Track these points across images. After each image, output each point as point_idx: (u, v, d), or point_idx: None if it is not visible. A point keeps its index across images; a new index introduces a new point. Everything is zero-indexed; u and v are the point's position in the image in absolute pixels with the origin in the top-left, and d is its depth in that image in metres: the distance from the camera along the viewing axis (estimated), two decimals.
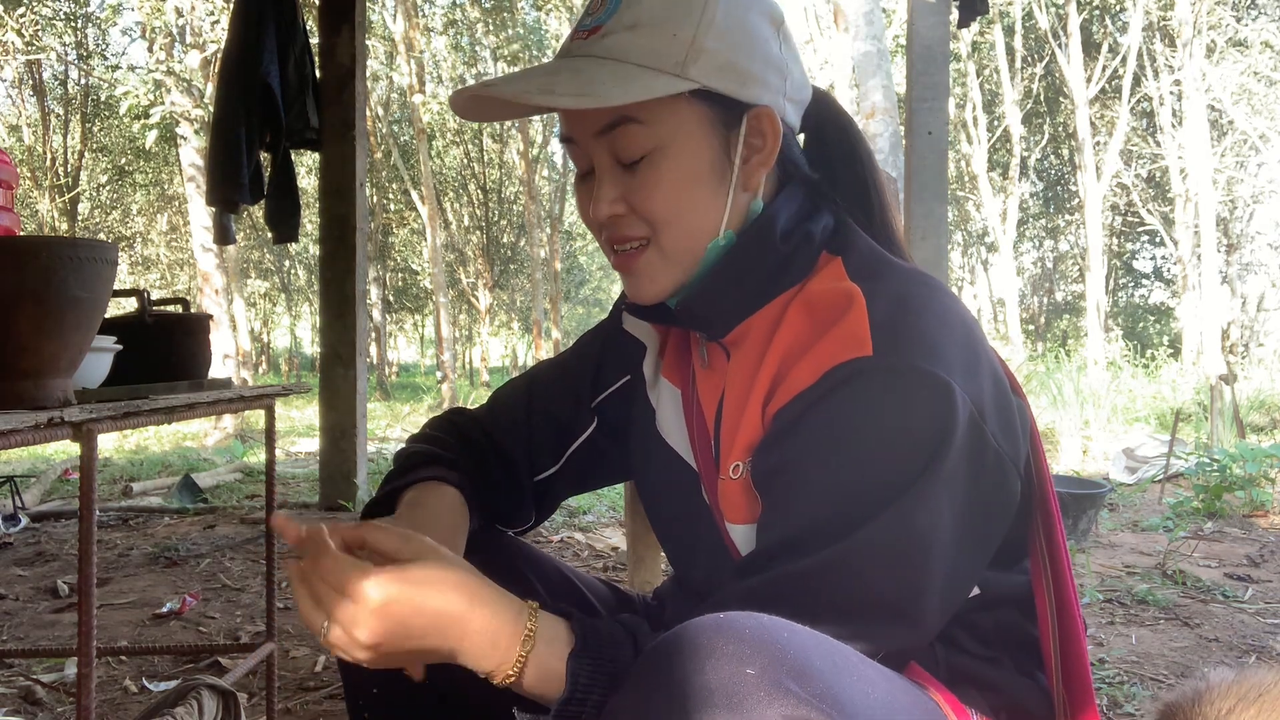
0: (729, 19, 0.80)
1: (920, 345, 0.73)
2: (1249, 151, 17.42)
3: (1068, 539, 3.62)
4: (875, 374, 0.72)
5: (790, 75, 0.85)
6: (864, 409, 0.72)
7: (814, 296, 0.80)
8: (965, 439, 0.71)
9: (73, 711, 1.99)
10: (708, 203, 0.83)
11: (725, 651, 0.57)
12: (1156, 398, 9.11)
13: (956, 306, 0.79)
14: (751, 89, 0.81)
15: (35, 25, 11.56)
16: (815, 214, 0.87)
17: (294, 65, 4.01)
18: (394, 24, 15.23)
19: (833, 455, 0.72)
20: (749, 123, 0.82)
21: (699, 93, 0.80)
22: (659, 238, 0.84)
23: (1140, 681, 2.20)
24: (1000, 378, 0.78)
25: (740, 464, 0.81)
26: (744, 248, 0.84)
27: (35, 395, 1.04)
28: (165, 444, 9.15)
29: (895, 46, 12.04)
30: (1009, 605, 0.83)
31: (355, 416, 4.33)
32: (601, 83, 0.78)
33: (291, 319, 28.08)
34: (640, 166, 0.82)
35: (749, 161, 0.83)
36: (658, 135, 0.81)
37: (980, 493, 0.74)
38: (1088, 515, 3.75)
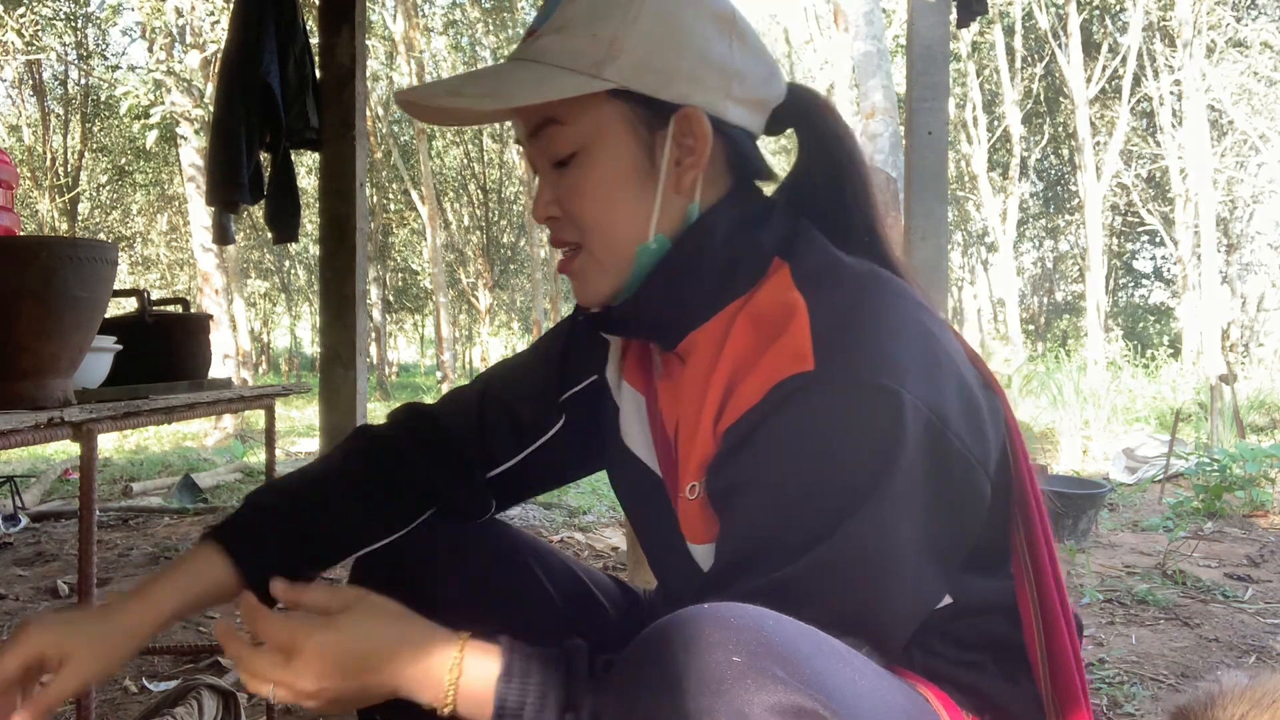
0: (656, 19, 0.79)
1: (865, 355, 0.71)
2: (1249, 151, 17.41)
3: (1068, 539, 3.60)
4: (816, 389, 0.70)
5: (742, 75, 0.82)
6: (807, 426, 0.70)
7: (759, 308, 0.79)
8: (921, 447, 0.69)
9: (73, 711, 1.99)
10: (632, 205, 0.82)
11: (712, 640, 0.57)
12: (1156, 398, 9.12)
13: (911, 310, 0.77)
14: (677, 89, 0.79)
15: (35, 25, 11.55)
16: (765, 219, 0.84)
17: (294, 65, 4.01)
18: (394, 24, 15.24)
19: (780, 474, 0.71)
20: (676, 124, 0.80)
21: (620, 93, 0.79)
22: (587, 240, 0.84)
23: (1140, 681, 2.20)
24: (966, 379, 0.76)
25: (696, 484, 0.80)
26: (679, 254, 0.82)
27: (35, 395, 1.04)
28: (165, 444, 9.15)
29: (895, 46, 12.04)
30: (992, 612, 0.81)
31: (355, 417, 4.33)
32: (513, 84, 0.79)
33: (291, 319, 28.09)
34: (568, 168, 0.82)
35: (680, 164, 0.81)
36: (580, 136, 0.81)
37: (945, 499, 0.72)
38: (1088, 515, 3.75)
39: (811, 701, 0.55)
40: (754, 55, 0.84)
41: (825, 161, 0.87)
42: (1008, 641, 0.81)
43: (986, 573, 0.81)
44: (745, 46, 0.83)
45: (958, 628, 0.80)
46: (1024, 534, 0.81)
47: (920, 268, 3.75)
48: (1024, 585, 0.81)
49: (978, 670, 0.80)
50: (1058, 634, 0.79)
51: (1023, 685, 0.81)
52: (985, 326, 22.58)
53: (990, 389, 0.80)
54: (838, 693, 0.57)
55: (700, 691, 0.55)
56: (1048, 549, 0.80)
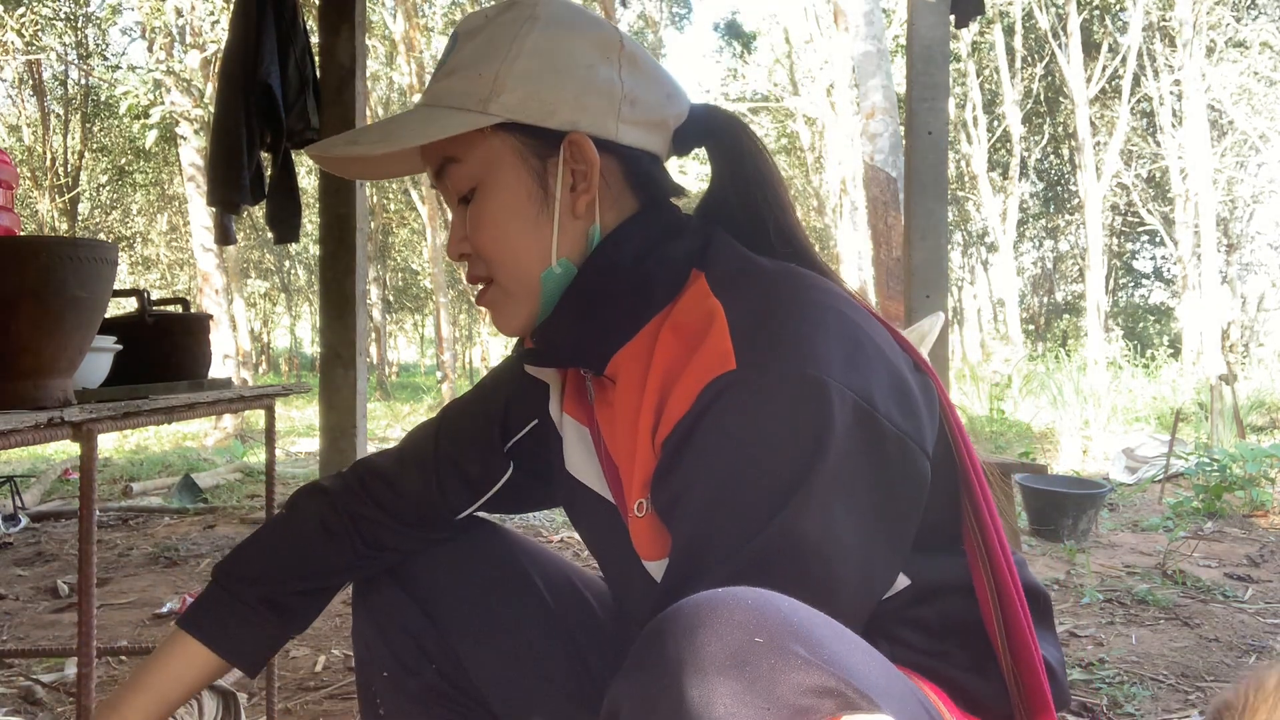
0: (537, 53, 0.82)
1: (784, 346, 0.72)
2: (1249, 151, 17.42)
3: (1068, 539, 3.60)
4: (741, 386, 0.71)
5: (633, 98, 0.84)
6: (736, 423, 0.71)
7: (680, 319, 0.80)
8: (852, 431, 0.70)
9: (73, 711, 1.99)
10: (531, 233, 0.84)
11: (732, 621, 0.56)
12: (1156, 398, 9.12)
13: (829, 299, 0.77)
14: (562, 116, 0.82)
15: (35, 25, 11.55)
16: (678, 234, 0.85)
17: (294, 65, 4.01)
18: (394, 24, 15.24)
19: (716, 475, 0.71)
20: (565, 150, 0.83)
21: (508, 126, 0.83)
22: (494, 272, 0.87)
23: (1140, 681, 2.20)
24: (892, 361, 0.76)
25: (643, 501, 0.81)
26: (585, 276, 0.84)
27: (35, 395, 1.04)
28: (165, 444, 9.15)
29: (895, 46, 12.04)
30: (952, 592, 0.81)
31: (355, 416, 4.33)
32: (404, 128, 0.83)
33: (291, 319, 28.09)
34: (471, 204, 0.86)
35: (575, 189, 0.84)
36: (475, 172, 0.85)
37: (884, 481, 0.72)
38: (1088, 515, 3.74)
39: (835, 681, 0.55)
40: (647, 78, 0.86)
41: (736, 178, 0.89)
42: (973, 624, 0.81)
43: (941, 551, 0.82)
44: (636, 70, 0.85)
45: (923, 614, 0.80)
46: (971, 511, 0.81)
47: (920, 268, 3.75)
48: (977, 562, 0.81)
49: (946, 661, 0.80)
50: (1015, 616, 0.79)
51: (990, 677, 0.81)
52: (985, 326, 22.59)
53: (921, 370, 0.81)
54: (857, 673, 0.57)
55: (725, 673, 0.54)
56: (994, 524, 0.81)
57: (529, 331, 0.89)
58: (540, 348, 0.89)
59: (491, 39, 0.83)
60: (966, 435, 0.83)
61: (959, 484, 0.82)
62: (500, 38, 0.83)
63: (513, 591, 1.06)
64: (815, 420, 0.69)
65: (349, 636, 2.53)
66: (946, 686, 0.79)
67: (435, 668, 1.05)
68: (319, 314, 4.48)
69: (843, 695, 0.55)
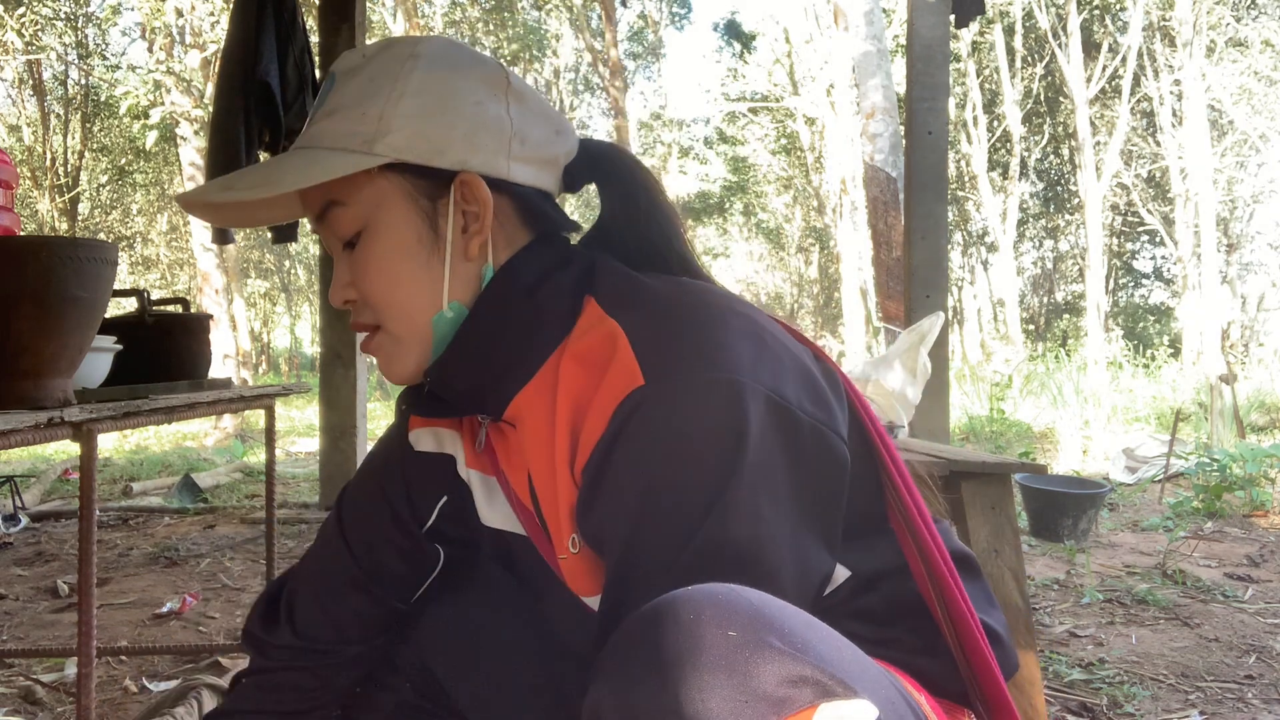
0: (423, 92, 0.79)
1: (689, 353, 0.71)
2: (1249, 151, 17.42)
3: (1068, 539, 3.59)
4: (652, 399, 0.70)
5: (522, 135, 0.83)
6: (652, 437, 0.70)
7: (580, 346, 0.78)
8: (768, 425, 0.70)
9: (73, 711, 1.99)
10: (420, 276, 0.81)
11: (704, 616, 0.56)
12: (1157, 398, 9.12)
13: (722, 300, 0.78)
14: (452, 155, 0.80)
15: (35, 25, 11.55)
16: (565, 263, 0.84)
17: (293, 64, 4.01)
18: (394, 23, 15.24)
19: (640, 492, 0.71)
20: (456, 190, 0.81)
21: (396, 166, 0.80)
22: (382, 318, 0.84)
23: (1140, 681, 2.20)
24: (796, 354, 0.77)
25: (575, 536, 0.80)
26: (478, 315, 0.82)
27: (35, 395, 1.04)
28: (165, 444, 9.15)
29: (895, 46, 12.04)
30: (891, 575, 0.81)
31: (355, 416, 4.33)
32: (284, 171, 0.79)
33: (291, 319, 28.10)
34: (356, 248, 0.83)
35: (466, 230, 0.81)
36: (360, 215, 0.81)
37: (806, 470, 0.73)
38: (1088, 515, 3.74)
39: (811, 669, 0.55)
40: (535, 115, 0.84)
41: (629, 212, 0.88)
42: (917, 605, 0.81)
43: (873, 535, 0.82)
44: (524, 107, 0.83)
45: (868, 603, 0.79)
46: (890, 488, 0.82)
47: (920, 268, 3.75)
48: (905, 538, 0.81)
49: (897, 646, 0.79)
50: (942, 578, 0.79)
51: (940, 655, 0.81)
52: (985, 326, 22.59)
53: (822, 360, 0.81)
54: (832, 660, 0.57)
55: (700, 668, 0.54)
56: (914, 499, 0.81)
57: (418, 379, 0.86)
58: (437, 393, 0.86)
59: (373, 78, 0.81)
60: (875, 416, 0.83)
61: (877, 467, 0.82)
62: (382, 76, 0.80)
63: (485, 604, 1.04)
64: (730, 421, 0.69)
65: None
66: (906, 672, 0.79)
67: (409, 684, 1.04)
68: (319, 314, 4.48)
69: (820, 683, 0.55)
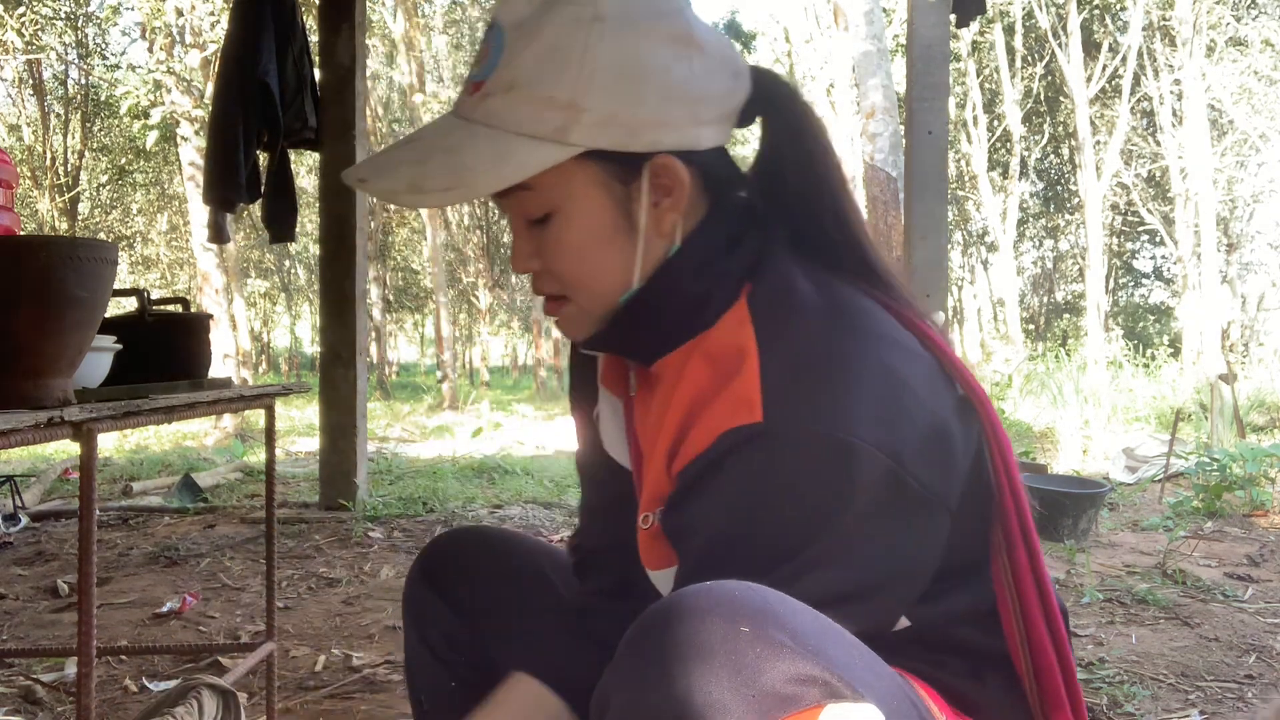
0: (612, 66, 0.74)
1: (815, 406, 0.70)
2: (1249, 151, 17.42)
3: (1068, 539, 3.58)
4: (764, 443, 0.69)
5: (707, 96, 0.78)
6: (753, 480, 0.70)
7: (714, 348, 0.77)
8: (877, 491, 0.69)
9: (73, 711, 1.99)
10: (615, 260, 0.80)
11: (717, 612, 0.57)
12: (1157, 397, 9.12)
13: (871, 347, 0.74)
14: (646, 136, 0.76)
15: (35, 25, 11.55)
16: (738, 241, 0.81)
17: (293, 64, 4.01)
18: (394, 23, 15.23)
19: (725, 525, 0.71)
20: (650, 172, 0.78)
21: (588, 153, 0.76)
22: (572, 294, 0.83)
23: (1140, 681, 2.20)
24: (932, 408, 0.74)
25: (650, 515, 0.80)
26: (647, 296, 0.81)
27: (35, 395, 1.04)
28: (165, 444, 9.15)
29: (895, 46, 12.03)
30: (959, 624, 0.81)
31: (355, 416, 4.33)
32: (472, 169, 0.75)
33: (291, 319, 28.10)
34: (545, 226, 0.80)
35: (658, 206, 0.79)
36: (552, 200, 0.78)
37: (903, 536, 0.72)
38: (1088, 515, 3.74)
39: (820, 670, 0.55)
40: (716, 63, 0.79)
41: (793, 151, 0.84)
42: (973, 645, 0.81)
43: (963, 582, 0.81)
44: (705, 58, 0.78)
45: (927, 636, 0.80)
46: (1005, 545, 0.80)
47: (920, 267, 3.75)
48: (1004, 592, 0.81)
49: (940, 667, 0.80)
50: (1039, 639, 0.79)
51: (989, 682, 0.80)
52: (985, 326, 22.58)
53: (968, 401, 0.79)
54: (841, 663, 0.58)
55: (711, 661, 0.55)
56: (1030, 555, 0.79)
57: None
58: (594, 345, 0.87)
59: (555, 47, 0.75)
60: (1012, 461, 0.80)
61: (994, 519, 0.80)
62: (568, 47, 0.74)
63: (530, 585, 1.08)
64: (836, 482, 0.68)
65: (348, 636, 2.53)
66: (941, 689, 0.79)
67: (466, 660, 1.07)
68: (319, 314, 4.49)
69: (827, 684, 0.55)
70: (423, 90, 15.29)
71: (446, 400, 14.56)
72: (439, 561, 1.10)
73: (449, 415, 12.81)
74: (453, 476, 5.48)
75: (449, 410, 13.76)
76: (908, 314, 0.81)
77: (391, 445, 8.75)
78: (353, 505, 4.18)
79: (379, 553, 3.49)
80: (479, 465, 6.02)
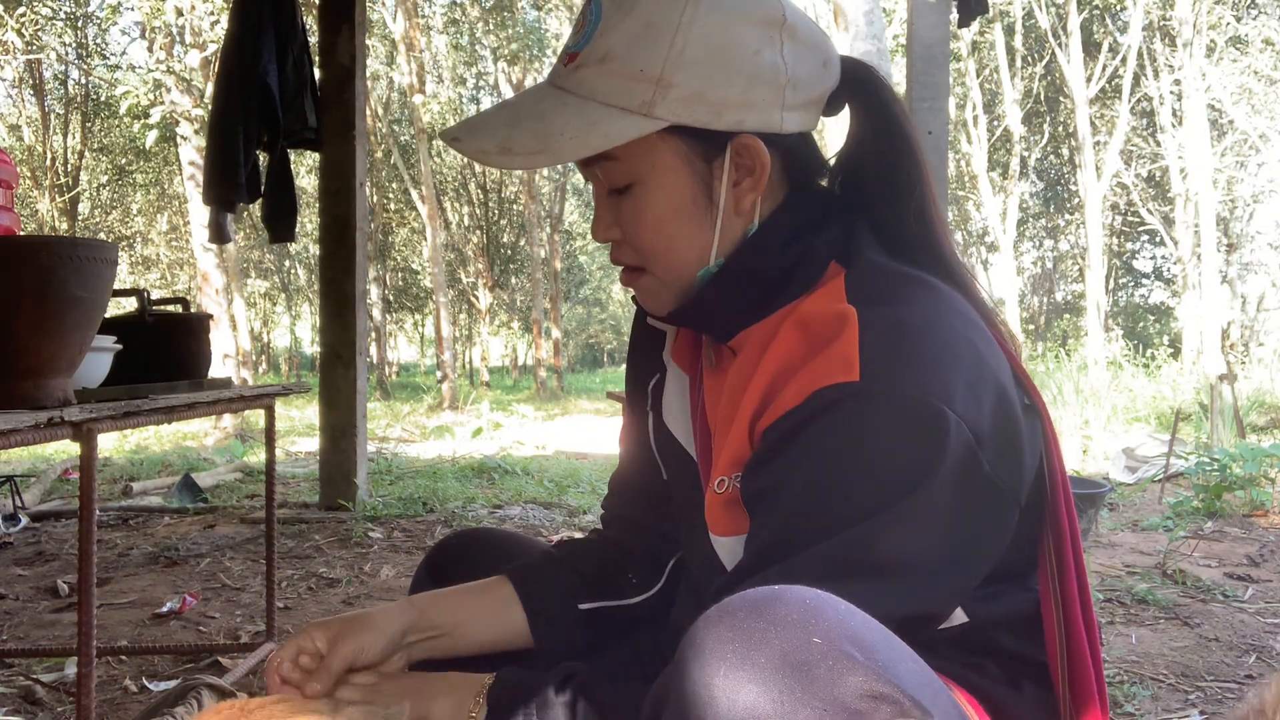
0: (703, 45, 0.76)
1: (912, 371, 0.70)
2: (1249, 151, 17.42)
3: None
4: (861, 400, 0.70)
5: (795, 81, 0.79)
6: (848, 435, 0.70)
7: (809, 316, 0.78)
8: (956, 466, 0.69)
9: (73, 711, 1.99)
10: (693, 235, 0.82)
11: (789, 620, 0.56)
12: (1157, 397, 9.11)
13: (961, 327, 0.76)
14: (730, 116, 0.78)
15: (35, 25, 11.55)
16: (820, 224, 0.83)
17: (293, 64, 4.00)
18: (394, 23, 15.23)
19: (814, 478, 0.71)
20: (733, 152, 0.80)
21: (673, 128, 0.78)
22: (650, 265, 0.85)
23: (1140, 681, 2.20)
24: (1009, 401, 0.75)
25: (726, 479, 0.81)
26: (732, 271, 0.83)
27: (35, 395, 1.04)
28: (165, 443, 9.15)
29: (895, 46, 12.03)
30: (1002, 627, 0.81)
31: (355, 416, 4.33)
32: (559, 134, 0.77)
33: (291, 319, 28.09)
34: (626, 196, 0.82)
35: (739, 185, 0.81)
36: (634, 171, 0.80)
37: (973, 522, 0.72)
38: (1088, 515, 3.74)
39: (890, 687, 0.55)
40: (807, 49, 0.81)
41: (880, 143, 0.85)
42: (1012, 651, 0.81)
43: (1011, 587, 0.82)
44: (796, 44, 0.80)
45: (969, 637, 0.80)
46: (1053, 553, 0.81)
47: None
48: (1049, 601, 0.81)
49: (979, 671, 0.80)
50: (1079, 651, 0.79)
51: (1026, 691, 0.81)
52: None
53: (1033, 408, 0.80)
54: (909, 680, 0.57)
55: (782, 671, 0.54)
56: (1076, 566, 0.80)
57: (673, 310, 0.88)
58: (672, 320, 0.89)
59: (650, 23, 0.76)
60: (1064, 471, 0.82)
61: (1046, 524, 0.81)
62: (661, 23, 0.76)
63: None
64: (929, 448, 0.69)
65: None
66: (979, 695, 0.79)
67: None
68: (319, 314, 4.49)
69: (897, 702, 0.55)
70: (422, 90, 15.29)
71: (446, 400, 14.56)
72: (446, 559, 1.10)
73: (449, 415, 12.81)
74: (453, 477, 5.48)
75: (449, 410, 13.76)
76: (984, 313, 0.83)
77: (391, 445, 8.75)
78: (353, 505, 4.18)
79: (379, 553, 3.49)
80: (479, 465, 6.02)
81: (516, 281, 22.90)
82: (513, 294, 24.37)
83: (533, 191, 18.01)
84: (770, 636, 0.56)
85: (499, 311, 24.96)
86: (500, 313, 25.48)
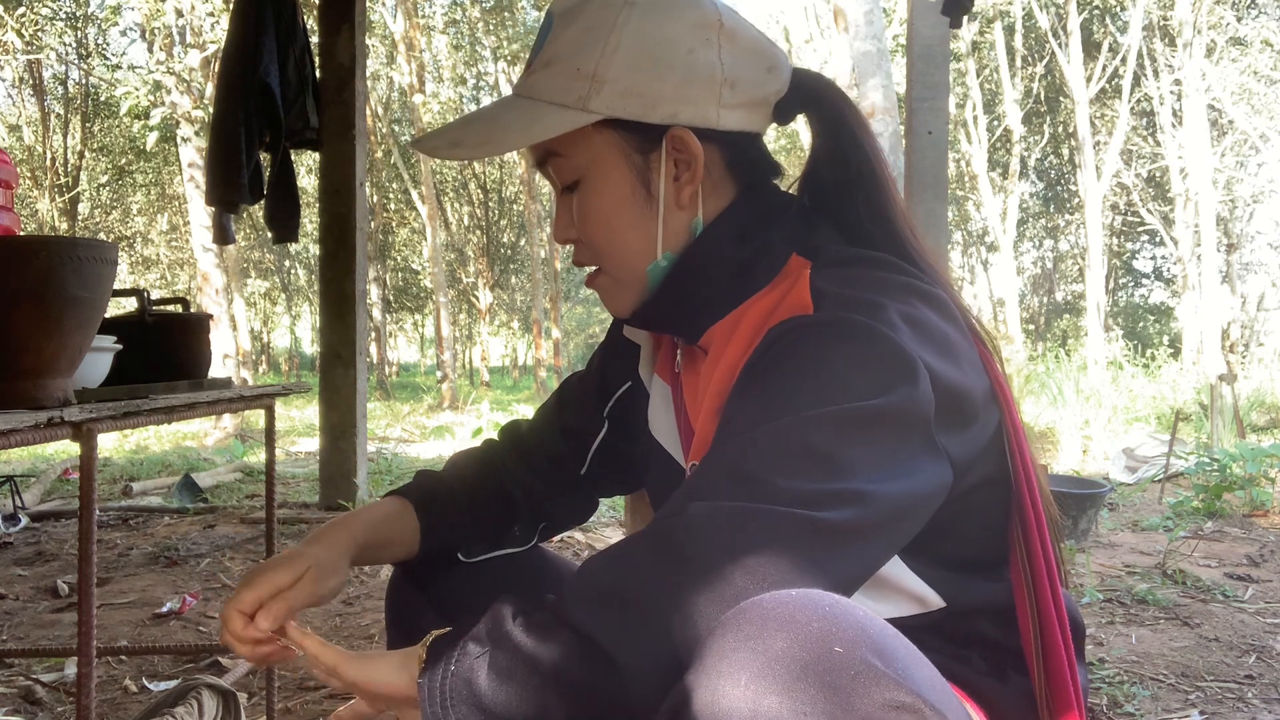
0: (636, 43, 0.81)
1: (863, 303, 0.73)
2: (1249, 151, 17.42)
3: (1068, 539, 3.57)
4: (813, 325, 0.72)
5: (733, 81, 0.82)
6: (797, 360, 0.71)
7: (769, 305, 0.80)
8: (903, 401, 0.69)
9: (73, 711, 1.99)
10: (635, 228, 0.85)
11: (810, 627, 0.56)
12: (1157, 397, 9.11)
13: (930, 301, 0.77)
14: (664, 110, 0.81)
15: (35, 25, 11.55)
16: (772, 221, 0.86)
17: (294, 65, 4.00)
18: (394, 23, 15.24)
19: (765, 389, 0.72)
20: (667, 144, 0.83)
21: (609, 122, 0.82)
22: (602, 262, 0.89)
23: (1140, 681, 2.20)
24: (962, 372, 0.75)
25: (698, 463, 0.80)
26: (683, 269, 0.85)
27: (35, 395, 1.04)
28: (165, 444, 9.15)
29: (895, 46, 12.04)
30: (983, 614, 0.82)
31: (355, 416, 4.33)
32: (505, 128, 0.84)
33: (291, 319, 28.10)
34: (576, 194, 0.87)
35: (679, 179, 0.84)
36: (578, 166, 0.85)
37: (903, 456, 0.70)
38: (1088, 515, 3.74)
39: (912, 697, 0.55)
40: (747, 54, 0.84)
41: (831, 148, 0.88)
42: (996, 642, 0.82)
43: (983, 576, 0.82)
44: (735, 48, 0.83)
45: (949, 625, 0.80)
46: (1022, 541, 0.82)
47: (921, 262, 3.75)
48: (1021, 591, 0.81)
49: (964, 664, 0.80)
50: (1052, 639, 0.79)
51: (1012, 681, 0.81)
52: None
53: (995, 401, 0.80)
54: (928, 690, 0.57)
55: (805, 680, 0.54)
56: (1044, 555, 0.81)
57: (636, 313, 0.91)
58: (639, 321, 0.91)
59: (589, 27, 0.82)
60: (1030, 464, 0.82)
61: (1013, 513, 0.82)
62: (598, 26, 0.82)
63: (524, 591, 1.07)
64: (877, 371, 0.69)
65: (348, 636, 2.53)
66: (966, 688, 0.79)
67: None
68: (319, 314, 4.49)
69: (920, 712, 0.54)
70: (422, 90, 15.30)
71: (446, 400, 14.57)
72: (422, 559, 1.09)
73: (449, 415, 12.81)
74: None
75: (449, 410, 13.76)
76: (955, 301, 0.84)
77: (391, 445, 8.75)
78: (353, 505, 4.18)
79: None
80: None
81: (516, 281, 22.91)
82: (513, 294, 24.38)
83: (533, 191, 18.01)
84: (790, 645, 0.55)
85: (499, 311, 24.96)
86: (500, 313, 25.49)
